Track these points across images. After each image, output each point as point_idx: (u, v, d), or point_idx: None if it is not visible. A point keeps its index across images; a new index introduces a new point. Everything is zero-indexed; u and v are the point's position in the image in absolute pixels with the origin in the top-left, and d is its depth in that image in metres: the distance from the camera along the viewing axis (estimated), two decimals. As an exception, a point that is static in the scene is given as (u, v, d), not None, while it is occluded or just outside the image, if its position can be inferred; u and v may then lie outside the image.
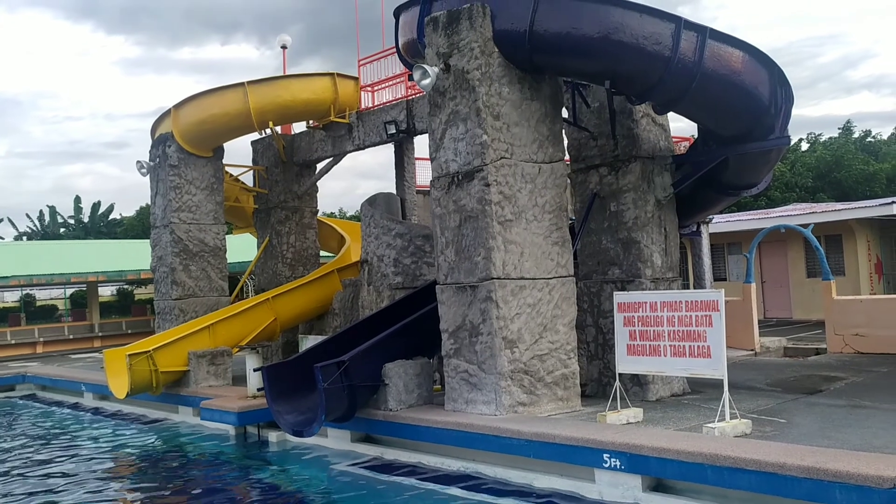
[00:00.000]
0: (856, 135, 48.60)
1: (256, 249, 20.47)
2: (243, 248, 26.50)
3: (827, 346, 15.88)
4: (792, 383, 12.45)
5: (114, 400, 16.82)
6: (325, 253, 22.97)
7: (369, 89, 17.90)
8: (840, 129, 49.22)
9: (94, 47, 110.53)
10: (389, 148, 19.00)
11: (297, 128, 20.32)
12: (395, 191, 18.73)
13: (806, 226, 16.76)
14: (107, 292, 35.50)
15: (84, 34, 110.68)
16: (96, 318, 30.11)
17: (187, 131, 17.97)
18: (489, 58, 10.61)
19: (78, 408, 18.55)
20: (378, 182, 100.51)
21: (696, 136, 12.89)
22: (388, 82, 17.56)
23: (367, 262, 15.31)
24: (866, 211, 21.32)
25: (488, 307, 10.42)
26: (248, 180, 20.55)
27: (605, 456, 8.58)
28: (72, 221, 56.21)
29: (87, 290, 30.87)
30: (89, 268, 27.71)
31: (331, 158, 19.20)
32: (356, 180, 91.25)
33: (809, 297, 21.97)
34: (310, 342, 14.03)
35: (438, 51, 11.03)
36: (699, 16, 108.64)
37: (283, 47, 21.51)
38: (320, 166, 19.98)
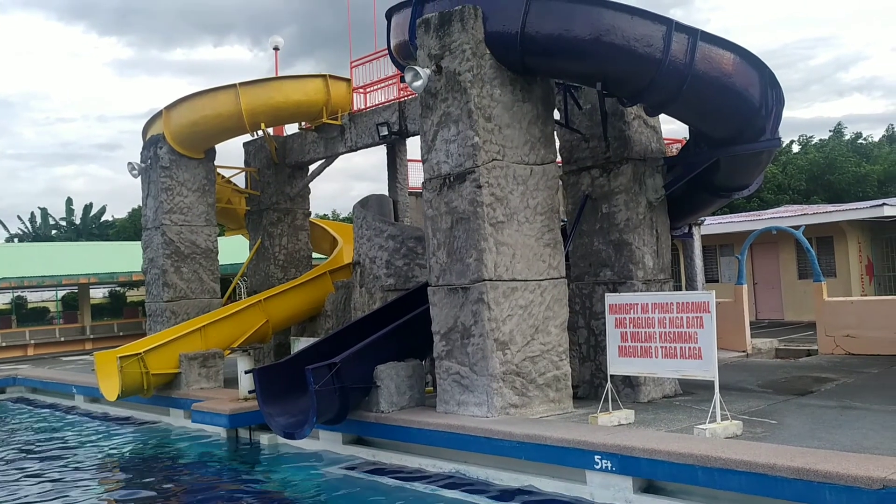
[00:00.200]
0: (847, 137, 48.75)
1: (248, 251, 20.41)
2: (235, 249, 26.45)
3: (818, 348, 15.94)
4: (783, 384, 12.49)
5: (105, 402, 16.76)
6: (317, 255, 22.94)
7: (361, 91, 17.86)
8: (831, 131, 49.49)
9: (86, 49, 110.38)
10: (382, 150, 18.98)
11: (290, 129, 20.28)
12: (388, 193, 18.69)
13: (797, 227, 16.84)
14: (98, 294, 35.43)
15: (76, 35, 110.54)
16: (88, 320, 30.02)
17: (179, 133, 17.91)
18: (481, 60, 10.61)
19: (69, 410, 18.46)
20: (370, 184, 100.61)
21: (688, 138, 12.91)
22: (380, 84, 17.54)
23: (359, 264, 15.28)
24: (857, 213, 21.41)
25: (480, 309, 10.41)
26: (240, 182, 20.50)
27: (597, 457, 8.58)
28: (63, 223, 56.00)
29: (78, 292, 30.77)
30: (81, 270, 27.60)
31: (323, 160, 19.15)
32: (349, 182, 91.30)
33: (801, 299, 22.04)
34: (302, 344, 14.01)
35: (430, 52, 11.03)
36: (692, 18, 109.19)
37: (276, 49, 21.47)
38: (312, 168, 19.92)
